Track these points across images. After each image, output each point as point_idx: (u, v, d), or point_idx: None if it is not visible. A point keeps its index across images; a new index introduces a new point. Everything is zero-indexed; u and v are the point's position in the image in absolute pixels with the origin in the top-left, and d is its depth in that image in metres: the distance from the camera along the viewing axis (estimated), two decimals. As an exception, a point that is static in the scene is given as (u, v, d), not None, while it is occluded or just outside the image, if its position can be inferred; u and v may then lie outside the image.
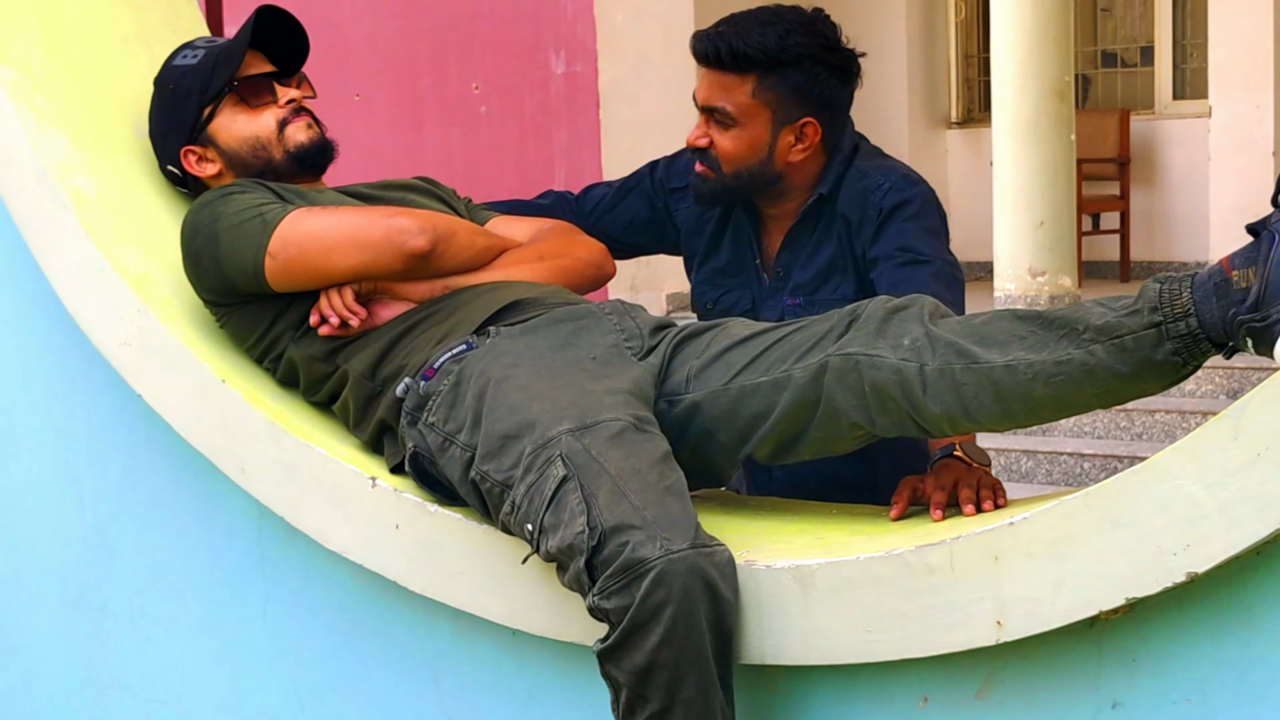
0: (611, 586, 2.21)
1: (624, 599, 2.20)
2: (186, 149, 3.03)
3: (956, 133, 11.21)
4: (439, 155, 9.01)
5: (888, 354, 2.39)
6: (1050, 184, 8.11)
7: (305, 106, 3.04)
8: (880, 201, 3.01)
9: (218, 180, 3.02)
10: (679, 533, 2.23)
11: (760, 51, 2.96)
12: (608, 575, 2.21)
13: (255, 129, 2.99)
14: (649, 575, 2.19)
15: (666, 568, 2.19)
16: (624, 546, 2.21)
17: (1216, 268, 2.21)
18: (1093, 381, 2.26)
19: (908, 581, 2.23)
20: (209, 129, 3.01)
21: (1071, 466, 7.47)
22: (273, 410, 2.83)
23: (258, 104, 3.00)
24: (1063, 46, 8.11)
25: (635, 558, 2.20)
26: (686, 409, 2.59)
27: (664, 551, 2.20)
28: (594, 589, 2.23)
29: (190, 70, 3.02)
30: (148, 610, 3.13)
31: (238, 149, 3.00)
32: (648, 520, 2.23)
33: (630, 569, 2.19)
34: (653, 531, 2.22)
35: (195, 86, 3.01)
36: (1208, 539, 2.03)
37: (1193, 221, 9.97)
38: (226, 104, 3.00)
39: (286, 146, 2.99)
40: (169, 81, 3.06)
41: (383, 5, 9.09)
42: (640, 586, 2.19)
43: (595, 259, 3.05)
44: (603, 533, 2.23)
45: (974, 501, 2.47)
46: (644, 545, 2.20)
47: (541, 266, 2.93)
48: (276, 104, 3.01)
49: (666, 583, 2.18)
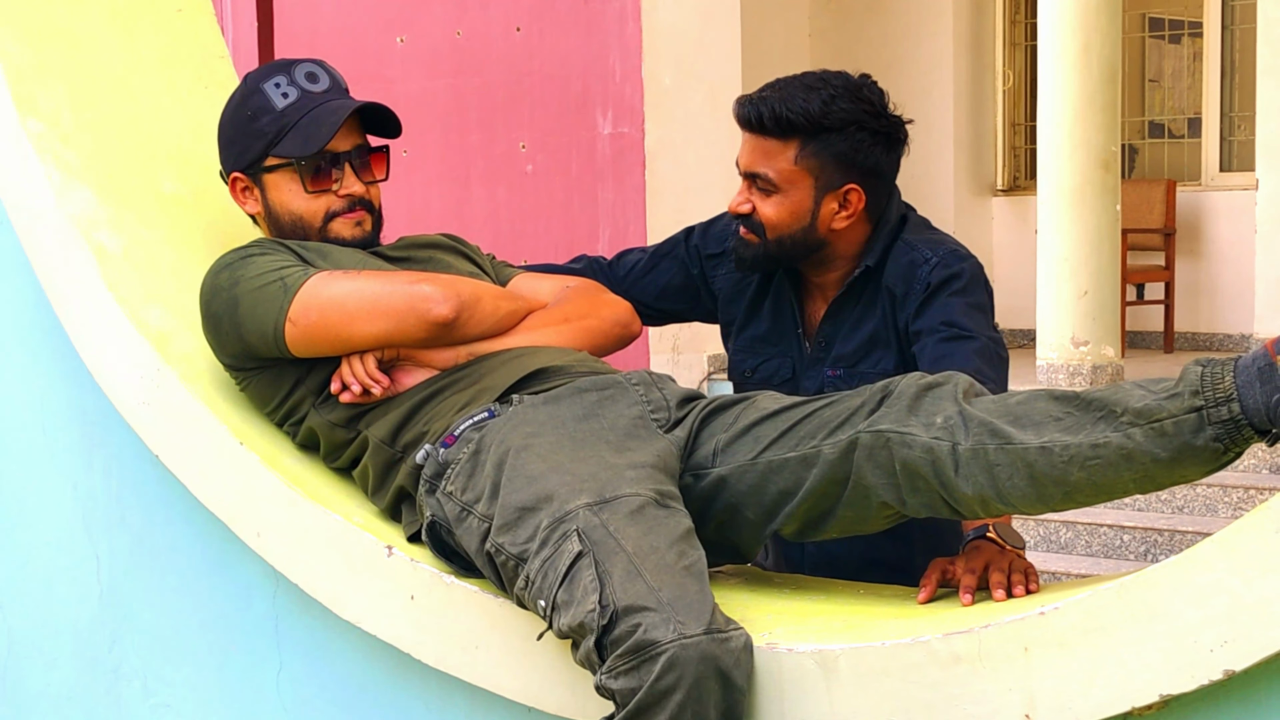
0: (620, 667, 2.14)
1: (632, 681, 2.13)
2: (237, 176, 2.95)
3: (1002, 200, 11.16)
4: (485, 213, 9.01)
5: (920, 432, 2.34)
6: (1094, 254, 8.07)
7: (367, 199, 2.94)
8: (927, 276, 2.94)
9: (255, 220, 2.98)
10: (694, 616, 2.16)
11: (804, 117, 2.91)
12: (617, 655, 2.15)
13: (303, 209, 2.91)
14: (660, 660, 2.12)
15: (678, 654, 2.12)
16: (636, 628, 2.14)
17: (1261, 352, 2.15)
18: (1130, 466, 2.19)
19: (934, 670, 2.16)
20: (265, 176, 2.92)
21: (1111, 539, 7.36)
22: (290, 474, 2.79)
23: (315, 189, 2.91)
24: (1109, 117, 8.08)
25: (647, 640, 2.13)
26: (713, 483, 2.54)
27: (677, 636, 2.13)
28: (603, 668, 2.17)
29: (272, 112, 2.90)
30: (161, 673, 3.08)
31: (280, 214, 2.93)
32: (663, 602, 2.17)
33: (640, 651, 2.13)
34: (667, 614, 2.15)
35: (270, 131, 2.89)
36: (1246, 635, 1.96)
37: (1238, 293, 9.88)
38: (289, 168, 2.90)
39: (326, 235, 2.91)
40: (250, 105, 2.92)
41: (433, 63, 9.12)
42: (651, 671, 2.12)
43: (622, 318, 2.99)
44: (615, 612, 2.16)
45: (1005, 586, 2.41)
46: (657, 628, 2.14)
47: (567, 328, 2.88)
48: (336, 192, 2.92)
49: (677, 669, 2.12)
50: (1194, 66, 10.83)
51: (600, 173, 8.94)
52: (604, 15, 8.78)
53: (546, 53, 8.89)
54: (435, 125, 9.12)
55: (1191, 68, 10.89)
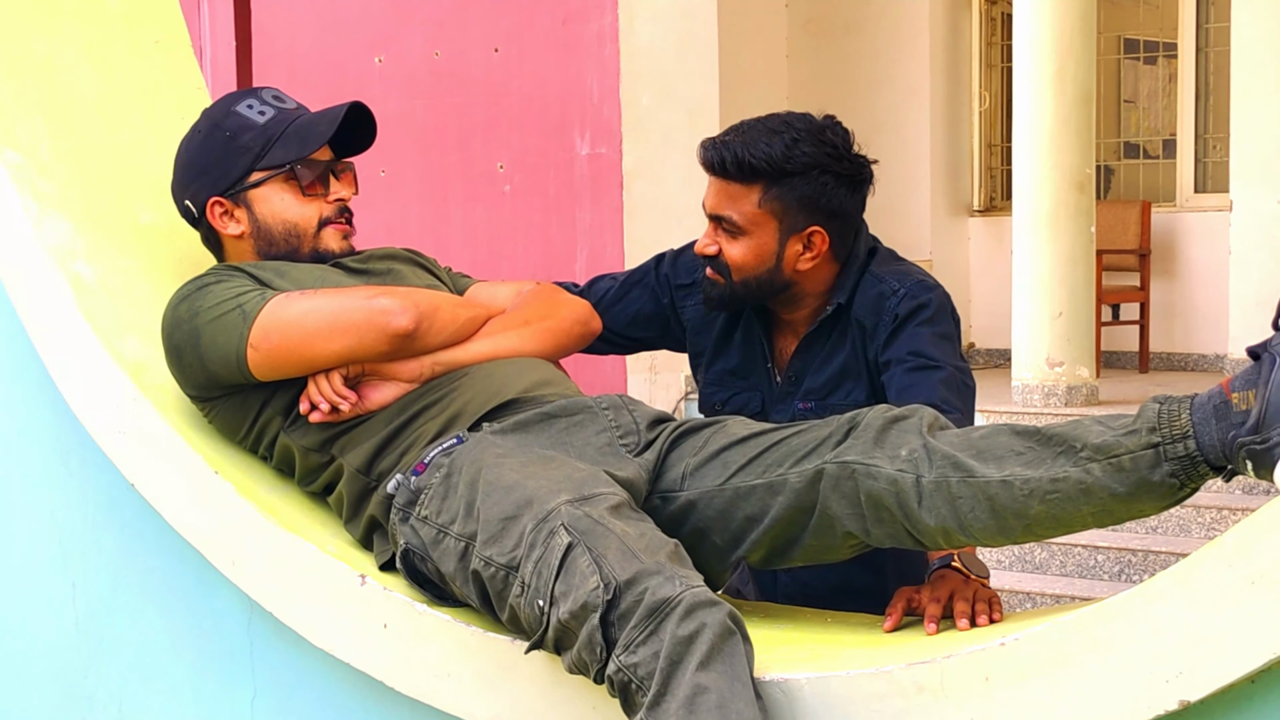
0: (637, 636, 2.13)
1: (654, 644, 2.11)
2: (216, 200, 2.94)
3: (979, 220, 11.20)
4: (463, 232, 9.02)
5: (885, 464, 2.37)
6: (1069, 275, 8.12)
7: (350, 208, 2.99)
8: (895, 307, 2.98)
9: (237, 242, 2.95)
10: (695, 578, 2.18)
11: (766, 162, 2.93)
12: (632, 626, 2.13)
13: (297, 216, 2.93)
14: (677, 609, 2.12)
15: (693, 600, 2.12)
16: (644, 593, 2.14)
17: (1216, 390, 2.19)
18: (1089, 500, 2.23)
19: (897, 700, 2.20)
20: (250, 193, 2.93)
21: (1086, 559, 7.40)
22: (265, 504, 2.81)
23: (310, 193, 2.94)
24: (1084, 140, 8.13)
25: (658, 599, 2.13)
26: (681, 507, 2.57)
27: (685, 587, 2.14)
28: (617, 648, 2.15)
29: (254, 127, 2.92)
30: (136, 699, 3.10)
31: (272, 225, 2.93)
32: (663, 565, 2.18)
33: (655, 611, 2.13)
34: (670, 573, 2.16)
35: (254, 146, 2.91)
36: (1201, 666, 1.99)
37: (1212, 314, 9.93)
38: (280, 178, 2.92)
39: (318, 247, 2.94)
40: (226, 126, 2.94)
41: (411, 83, 9.13)
42: (670, 622, 2.11)
43: (581, 316, 3.03)
44: (618, 587, 2.16)
45: (969, 615, 2.44)
46: (663, 587, 2.14)
47: (528, 331, 2.90)
48: (326, 199, 2.95)
49: (698, 614, 2.11)
50: (1169, 88, 10.89)
51: (578, 193, 8.95)
52: (582, 36, 8.79)
53: (525, 73, 8.91)
54: (413, 145, 9.13)
55: (1167, 89, 10.95)
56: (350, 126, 2.98)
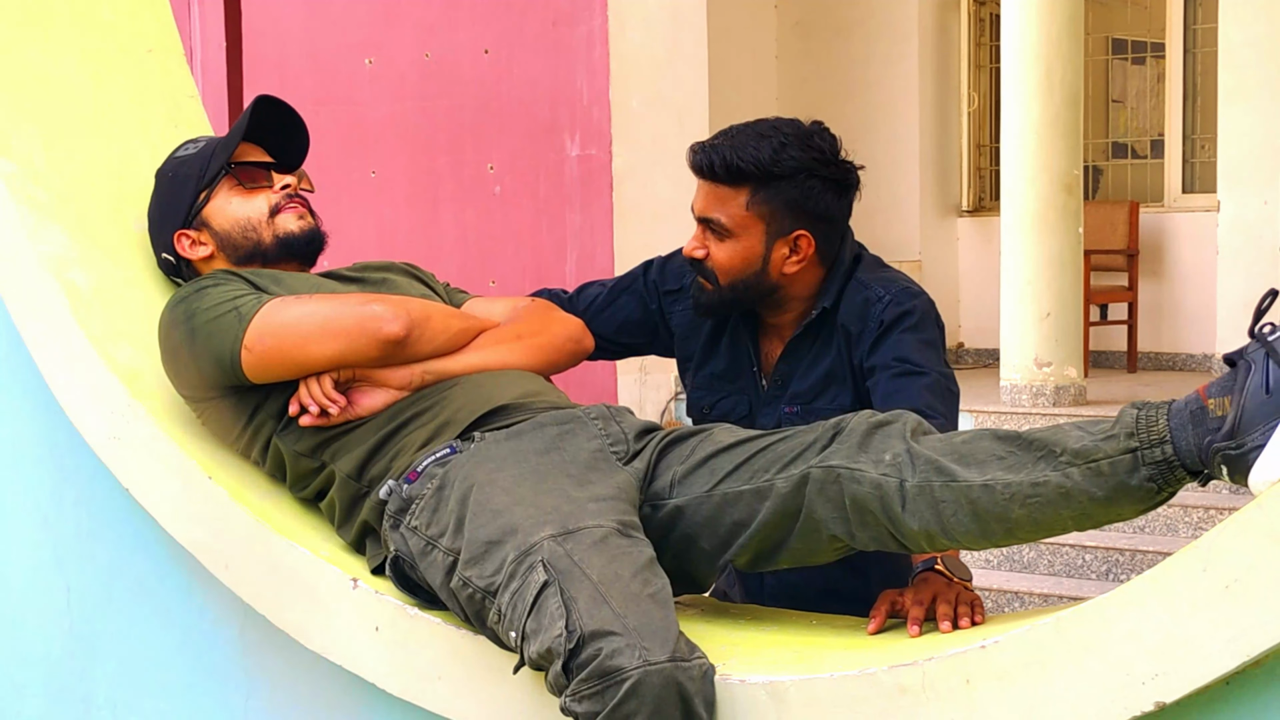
0: (584, 690, 2.19)
1: (595, 705, 2.18)
2: (180, 233, 3.04)
3: (968, 221, 11.23)
4: (453, 234, 9.04)
5: (869, 468, 2.40)
6: (1057, 276, 8.14)
7: (301, 195, 3.06)
8: (881, 314, 3.02)
9: (208, 263, 3.03)
10: (659, 642, 2.21)
11: (754, 165, 2.97)
12: (581, 679, 2.19)
13: (248, 211, 3.01)
14: (624, 685, 2.17)
15: (642, 679, 2.17)
16: (599, 653, 2.19)
17: (1193, 396, 2.22)
18: (1068, 504, 2.27)
19: (880, 701, 2.23)
20: (204, 212, 3.03)
21: (1073, 558, 7.43)
22: (258, 508, 2.84)
23: (252, 187, 3.02)
24: (1072, 141, 8.16)
25: (612, 665, 2.18)
26: (670, 514, 2.59)
27: (641, 662, 2.18)
28: (568, 690, 2.22)
29: (190, 158, 3.06)
30: (130, 703, 3.13)
31: (229, 230, 3.01)
32: (628, 627, 2.22)
33: (605, 676, 2.18)
34: (632, 639, 2.20)
35: (194, 171, 3.04)
36: (1177, 668, 2.03)
37: (1200, 314, 9.97)
38: (222, 186, 3.02)
39: (276, 232, 3.01)
40: (169, 170, 3.09)
41: (401, 85, 9.15)
42: (614, 696, 2.17)
43: (574, 334, 3.06)
44: (581, 637, 2.21)
45: (951, 618, 2.47)
46: (621, 654, 2.19)
47: (519, 345, 2.94)
48: (271, 189, 3.03)
49: (640, 695, 2.17)
50: (1157, 88, 10.92)
51: (568, 195, 8.97)
52: (572, 38, 8.82)
53: (515, 75, 8.93)
54: (403, 147, 9.15)
55: (1155, 89, 10.98)
56: (283, 130, 3.08)
